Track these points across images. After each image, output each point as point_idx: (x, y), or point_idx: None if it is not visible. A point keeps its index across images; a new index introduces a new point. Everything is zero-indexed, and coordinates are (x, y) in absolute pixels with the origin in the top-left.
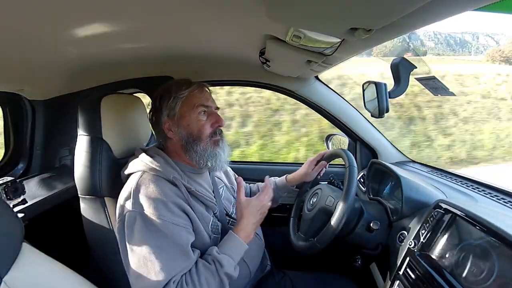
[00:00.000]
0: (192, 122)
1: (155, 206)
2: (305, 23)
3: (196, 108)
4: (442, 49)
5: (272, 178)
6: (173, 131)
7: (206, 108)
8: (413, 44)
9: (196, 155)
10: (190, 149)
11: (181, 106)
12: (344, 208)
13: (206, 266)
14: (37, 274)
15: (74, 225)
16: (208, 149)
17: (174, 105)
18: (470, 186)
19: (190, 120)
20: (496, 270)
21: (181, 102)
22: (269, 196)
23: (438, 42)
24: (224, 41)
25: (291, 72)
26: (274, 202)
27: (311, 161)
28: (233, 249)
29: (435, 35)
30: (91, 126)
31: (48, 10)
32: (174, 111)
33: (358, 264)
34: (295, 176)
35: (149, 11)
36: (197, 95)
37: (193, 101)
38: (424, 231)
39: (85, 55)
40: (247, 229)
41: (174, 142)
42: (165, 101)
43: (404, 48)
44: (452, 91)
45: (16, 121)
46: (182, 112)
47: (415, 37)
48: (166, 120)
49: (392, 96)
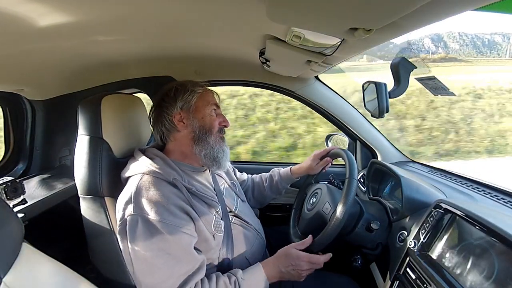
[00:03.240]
0: (206, 116)
1: (156, 209)
2: (305, 23)
3: (210, 105)
4: (468, 51)
5: (276, 169)
6: (185, 122)
7: (217, 108)
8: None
9: (208, 146)
10: (202, 140)
11: (197, 100)
12: (339, 220)
13: (226, 285)
14: (37, 274)
15: (74, 225)
16: (218, 142)
17: (190, 98)
18: (470, 186)
19: (204, 114)
20: (496, 270)
21: (197, 96)
22: (312, 264)
23: (464, 43)
24: (224, 41)
25: (291, 72)
26: (278, 193)
27: (316, 155)
28: (255, 278)
29: (460, 36)
30: (91, 126)
31: (48, 10)
32: (189, 104)
33: (358, 264)
34: (299, 169)
35: (148, 11)
36: (210, 94)
37: (207, 98)
38: (424, 231)
39: (85, 55)
40: (274, 268)
41: (182, 136)
42: (181, 93)
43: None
44: (452, 91)
45: (16, 121)
46: (198, 105)
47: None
48: (178, 112)
49: (392, 96)
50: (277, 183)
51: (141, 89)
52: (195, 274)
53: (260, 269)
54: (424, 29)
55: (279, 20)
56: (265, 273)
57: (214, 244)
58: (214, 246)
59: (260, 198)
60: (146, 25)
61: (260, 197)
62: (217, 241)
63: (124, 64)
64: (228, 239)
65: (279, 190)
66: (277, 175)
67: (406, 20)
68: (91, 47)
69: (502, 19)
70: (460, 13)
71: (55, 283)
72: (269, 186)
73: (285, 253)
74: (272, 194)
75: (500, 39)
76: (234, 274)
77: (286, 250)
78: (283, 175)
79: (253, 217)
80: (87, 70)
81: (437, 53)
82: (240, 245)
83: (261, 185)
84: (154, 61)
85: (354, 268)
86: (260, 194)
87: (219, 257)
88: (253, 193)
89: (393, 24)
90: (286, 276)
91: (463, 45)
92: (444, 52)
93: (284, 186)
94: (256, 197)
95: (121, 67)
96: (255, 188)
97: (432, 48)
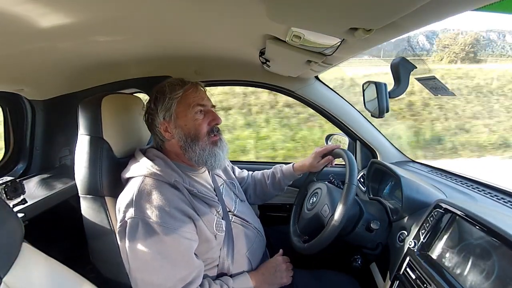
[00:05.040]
0: (189, 122)
1: (158, 213)
2: (305, 23)
3: (192, 107)
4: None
5: (279, 166)
6: (171, 132)
7: (202, 107)
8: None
9: (195, 155)
10: (188, 149)
11: (176, 107)
12: (336, 225)
13: None
14: (37, 274)
15: (74, 225)
16: (207, 148)
17: (169, 106)
18: (470, 186)
19: (187, 120)
20: (496, 270)
21: (176, 103)
22: (283, 258)
23: None
24: (224, 41)
25: (291, 72)
26: (280, 189)
27: (318, 153)
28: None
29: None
30: (91, 125)
31: (48, 10)
32: (170, 112)
33: (358, 264)
34: (302, 166)
35: (149, 11)
36: (192, 94)
37: (188, 100)
38: (424, 231)
39: (85, 55)
40: (260, 276)
41: (172, 144)
42: (160, 102)
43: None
44: (452, 91)
45: (16, 121)
46: (178, 112)
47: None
48: (162, 122)
49: (392, 96)
50: (279, 180)
51: (141, 89)
52: (192, 282)
53: (247, 278)
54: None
55: (279, 20)
56: (253, 281)
57: (215, 244)
58: (215, 245)
59: (262, 195)
60: (146, 25)
61: (262, 194)
62: (218, 240)
63: (124, 64)
64: (229, 239)
65: (282, 187)
66: (279, 172)
67: (406, 20)
68: (91, 47)
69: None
70: (460, 13)
71: (55, 283)
72: (272, 183)
73: (265, 262)
74: (274, 191)
75: (495, 37)
76: (225, 281)
77: (266, 262)
78: (285, 172)
79: (252, 216)
80: (87, 70)
81: (431, 50)
82: (240, 244)
83: (263, 182)
84: (154, 61)
85: (354, 268)
86: (262, 191)
87: (220, 256)
88: (254, 190)
89: (393, 24)
90: (275, 280)
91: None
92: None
93: (286, 183)
94: (258, 194)
95: (121, 67)
96: (256, 185)
97: (426, 46)
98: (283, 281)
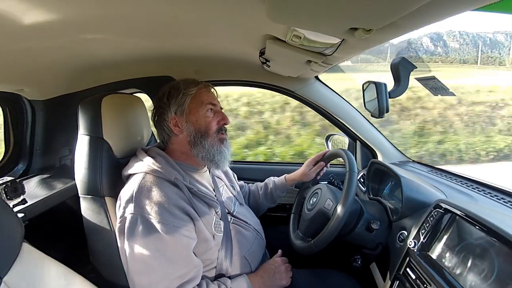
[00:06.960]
0: (200, 118)
1: (157, 209)
2: (305, 23)
3: (205, 105)
4: (467, 50)
5: (272, 178)
6: (181, 127)
7: (213, 106)
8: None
9: (204, 150)
10: (198, 144)
11: (190, 102)
12: (342, 214)
13: None
14: (37, 274)
15: (74, 225)
16: (215, 145)
17: (183, 101)
18: (470, 186)
19: (198, 116)
20: (496, 270)
21: (190, 99)
22: (282, 259)
23: (464, 42)
24: (224, 41)
25: (291, 72)
26: (272, 201)
27: (310, 162)
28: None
29: (461, 35)
30: (91, 126)
31: (48, 9)
32: (182, 107)
33: (358, 264)
34: (294, 176)
35: (148, 11)
36: (205, 93)
37: (201, 98)
38: (424, 231)
39: (85, 55)
40: (259, 278)
41: (180, 139)
42: (173, 97)
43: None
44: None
45: (16, 121)
46: (191, 108)
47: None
48: (173, 117)
49: (392, 96)
50: (271, 191)
51: (141, 89)
52: (190, 281)
53: (246, 281)
54: (424, 28)
55: (279, 20)
56: (252, 284)
57: (214, 244)
58: (213, 246)
59: (255, 207)
60: (146, 25)
61: (255, 206)
62: (217, 241)
63: (124, 64)
64: (227, 240)
65: (274, 199)
66: (272, 183)
67: (406, 20)
68: (91, 47)
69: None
70: (460, 13)
71: (55, 283)
72: (264, 194)
73: (264, 264)
74: (267, 202)
75: (502, 38)
76: (224, 282)
77: (264, 264)
78: (278, 183)
79: (252, 217)
80: (87, 70)
81: (436, 52)
82: (239, 245)
83: (256, 193)
84: (154, 61)
85: (354, 268)
86: (255, 202)
87: (218, 257)
88: (249, 201)
89: (393, 24)
90: (274, 283)
91: (463, 44)
92: (443, 52)
93: (279, 195)
94: (251, 205)
95: (121, 67)
96: (250, 196)
97: (431, 48)
98: (282, 282)
